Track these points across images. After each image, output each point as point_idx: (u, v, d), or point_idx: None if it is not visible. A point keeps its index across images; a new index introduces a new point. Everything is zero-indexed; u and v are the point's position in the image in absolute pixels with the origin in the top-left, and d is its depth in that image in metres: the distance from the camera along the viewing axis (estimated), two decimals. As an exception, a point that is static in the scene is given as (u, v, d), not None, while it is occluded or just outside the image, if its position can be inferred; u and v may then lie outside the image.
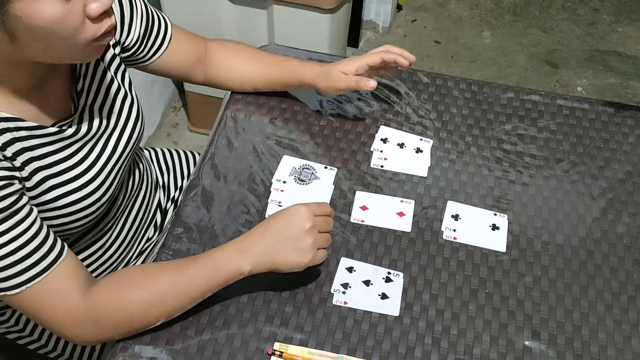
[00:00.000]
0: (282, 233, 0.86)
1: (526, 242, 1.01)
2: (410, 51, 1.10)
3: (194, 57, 1.11)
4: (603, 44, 2.56)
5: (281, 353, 0.86)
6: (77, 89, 0.91)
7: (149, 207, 1.15)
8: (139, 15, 1.01)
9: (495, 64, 2.48)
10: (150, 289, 0.84)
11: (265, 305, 0.92)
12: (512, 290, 0.95)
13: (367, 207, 1.04)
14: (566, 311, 0.93)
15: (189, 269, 0.86)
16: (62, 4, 0.70)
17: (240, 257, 0.86)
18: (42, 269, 0.80)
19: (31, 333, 1.09)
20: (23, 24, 0.70)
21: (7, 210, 0.77)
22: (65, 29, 0.72)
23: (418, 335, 0.90)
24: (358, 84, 1.06)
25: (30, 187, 0.83)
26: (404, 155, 1.12)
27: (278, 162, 1.09)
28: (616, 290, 0.95)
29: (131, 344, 0.87)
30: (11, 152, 0.80)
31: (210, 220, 1.02)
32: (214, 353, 0.87)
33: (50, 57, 0.77)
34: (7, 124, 0.79)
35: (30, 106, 0.84)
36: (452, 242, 1.00)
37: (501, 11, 2.70)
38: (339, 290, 0.94)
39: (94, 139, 0.93)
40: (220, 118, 1.17)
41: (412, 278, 0.96)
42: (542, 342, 0.90)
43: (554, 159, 1.12)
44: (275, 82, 1.14)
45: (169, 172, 1.28)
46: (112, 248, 1.06)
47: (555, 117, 1.18)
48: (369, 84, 1.05)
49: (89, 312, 0.82)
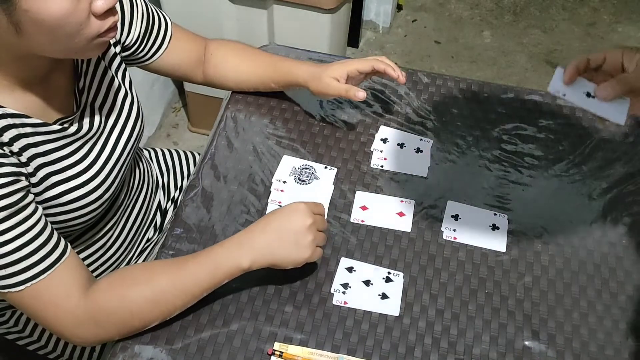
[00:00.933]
0: (283, 229, 0.87)
1: (526, 242, 1.01)
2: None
3: (194, 57, 1.12)
4: (603, 44, 2.56)
5: (281, 353, 0.87)
6: (79, 86, 0.92)
7: (149, 207, 1.15)
8: (140, 15, 1.01)
9: (496, 64, 2.48)
10: (152, 287, 0.85)
11: (265, 305, 0.92)
12: (511, 290, 0.95)
13: (367, 207, 1.04)
14: (565, 311, 0.93)
15: (190, 266, 0.86)
16: (70, 0, 0.71)
17: (240, 252, 0.86)
18: (45, 267, 0.80)
19: (31, 334, 1.09)
20: (30, 18, 0.71)
21: (13, 207, 0.77)
22: (71, 24, 0.73)
23: (418, 335, 0.90)
24: (347, 93, 1.05)
25: (35, 183, 0.84)
26: (404, 155, 1.12)
27: (278, 162, 1.09)
28: (615, 290, 0.96)
29: (131, 343, 0.88)
30: (17, 147, 0.80)
31: (210, 220, 1.02)
32: (213, 353, 0.87)
33: (53, 50, 0.78)
34: (13, 120, 0.80)
35: (34, 102, 0.85)
36: (452, 242, 1.00)
37: (501, 11, 2.70)
38: (339, 290, 0.94)
39: (95, 137, 0.93)
40: (220, 118, 1.17)
41: (412, 278, 0.96)
42: (541, 342, 0.90)
43: (554, 159, 1.12)
44: (269, 82, 1.14)
45: (169, 172, 1.28)
46: (113, 248, 1.06)
47: (555, 117, 1.18)
48: (358, 94, 1.04)
49: (90, 311, 0.83)
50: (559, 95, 0.93)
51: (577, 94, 0.94)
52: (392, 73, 1.06)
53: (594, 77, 0.92)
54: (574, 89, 0.94)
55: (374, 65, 1.07)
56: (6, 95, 0.81)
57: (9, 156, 0.79)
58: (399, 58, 2.45)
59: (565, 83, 0.91)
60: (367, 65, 1.07)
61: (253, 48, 1.17)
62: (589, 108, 0.93)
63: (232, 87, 1.18)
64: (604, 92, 0.89)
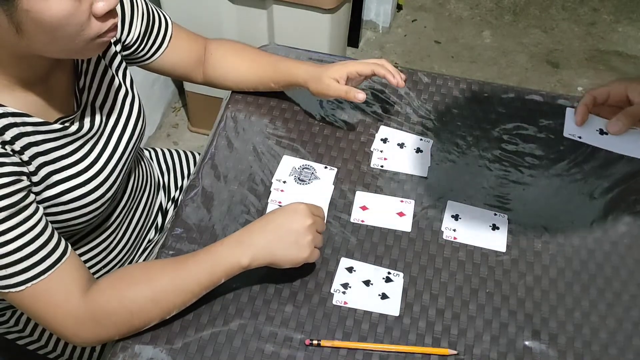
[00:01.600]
0: (284, 228, 0.87)
1: (526, 241, 1.01)
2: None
3: (194, 57, 1.12)
4: (603, 44, 2.57)
5: (319, 342, 0.87)
6: (79, 86, 0.92)
7: (151, 208, 1.16)
8: (140, 14, 1.01)
9: (496, 64, 2.48)
10: (151, 286, 0.85)
11: (266, 305, 0.92)
12: (512, 290, 0.95)
13: (367, 207, 1.04)
14: (567, 311, 0.93)
15: (189, 265, 0.86)
16: (71, 1, 0.72)
17: (239, 250, 0.86)
18: (46, 268, 0.80)
19: (31, 333, 1.09)
20: (31, 18, 0.71)
21: (14, 207, 0.77)
22: (72, 25, 0.74)
23: (418, 335, 0.90)
24: (347, 95, 1.05)
25: (36, 182, 0.84)
26: (404, 155, 1.12)
27: (278, 162, 1.09)
28: (618, 289, 0.95)
29: (131, 343, 0.87)
30: (19, 146, 0.81)
31: (211, 220, 1.02)
32: (213, 352, 0.87)
33: (53, 51, 0.78)
34: (14, 119, 0.80)
35: (34, 101, 0.85)
36: (452, 242, 1.00)
37: (501, 11, 2.70)
38: (339, 290, 0.94)
39: (96, 136, 0.93)
40: (220, 118, 1.17)
41: (412, 278, 0.96)
42: (542, 342, 0.90)
43: (554, 158, 1.12)
44: (269, 82, 1.14)
45: (169, 172, 1.28)
46: (116, 249, 1.07)
47: (556, 117, 1.18)
48: (358, 96, 1.04)
49: (90, 311, 0.83)
50: (575, 137, 0.97)
51: (591, 134, 0.98)
52: (391, 80, 1.06)
53: (601, 110, 0.93)
54: (587, 128, 0.97)
55: (375, 70, 1.07)
56: (7, 95, 0.81)
57: (10, 155, 0.79)
58: (399, 58, 2.46)
59: (578, 124, 0.93)
60: (368, 69, 1.07)
61: (253, 48, 1.17)
62: (606, 146, 0.96)
63: (232, 87, 1.18)
64: (614, 127, 0.91)
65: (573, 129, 0.96)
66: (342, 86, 1.06)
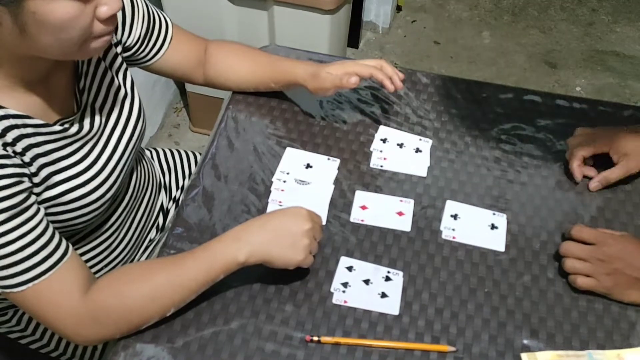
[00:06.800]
0: (282, 228, 0.88)
1: (525, 241, 1.01)
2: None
3: (194, 58, 1.12)
4: (601, 44, 2.57)
5: (319, 339, 0.88)
6: (80, 87, 0.93)
7: (153, 208, 1.16)
8: (140, 16, 1.02)
9: (495, 64, 2.49)
10: (149, 284, 0.85)
11: (266, 304, 0.93)
12: (510, 289, 0.96)
13: (367, 206, 1.05)
14: (564, 310, 0.94)
15: (187, 262, 0.87)
16: (78, 5, 0.73)
17: (236, 246, 0.87)
18: (47, 268, 0.81)
19: (33, 332, 1.09)
20: (36, 20, 0.72)
21: (16, 208, 0.78)
22: (75, 28, 0.75)
23: (417, 334, 0.90)
24: (341, 82, 1.06)
25: (37, 183, 0.84)
26: (404, 155, 1.12)
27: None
28: (614, 289, 0.96)
29: (132, 342, 0.88)
30: (20, 147, 0.81)
31: (211, 220, 1.02)
32: (214, 351, 0.88)
33: (54, 52, 0.78)
34: (15, 121, 0.81)
35: (35, 103, 0.85)
36: (451, 242, 1.01)
37: (500, 12, 2.71)
38: (338, 289, 0.94)
39: (96, 137, 0.94)
40: (221, 118, 1.17)
41: (412, 277, 0.96)
42: (540, 341, 0.90)
43: (552, 158, 1.12)
44: (269, 82, 1.14)
45: (170, 172, 1.28)
46: (118, 249, 1.07)
47: (554, 117, 1.18)
48: (350, 79, 1.06)
49: (90, 310, 0.83)
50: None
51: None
52: (388, 86, 1.07)
53: (588, 161, 1.09)
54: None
55: (373, 74, 1.07)
56: (7, 96, 0.82)
57: (12, 157, 0.79)
58: (398, 58, 2.46)
59: (580, 180, 1.07)
60: (367, 72, 1.07)
61: (253, 48, 1.18)
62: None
63: (233, 88, 1.18)
64: (593, 187, 1.07)
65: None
66: (336, 75, 1.07)
